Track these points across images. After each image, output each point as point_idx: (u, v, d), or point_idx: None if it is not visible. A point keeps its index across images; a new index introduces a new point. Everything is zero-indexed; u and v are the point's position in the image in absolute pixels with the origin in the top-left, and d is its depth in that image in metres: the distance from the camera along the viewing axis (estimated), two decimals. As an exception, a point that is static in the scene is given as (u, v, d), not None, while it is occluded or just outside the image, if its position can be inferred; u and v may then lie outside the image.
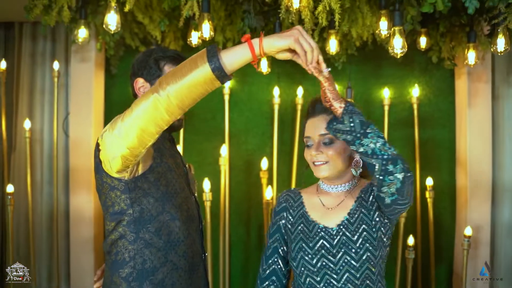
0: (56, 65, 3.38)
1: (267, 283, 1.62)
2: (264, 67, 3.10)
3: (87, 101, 3.41)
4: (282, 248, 1.61)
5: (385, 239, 1.51)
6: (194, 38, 2.59)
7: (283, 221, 1.61)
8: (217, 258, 3.38)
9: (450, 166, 3.55)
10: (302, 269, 1.50)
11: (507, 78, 3.54)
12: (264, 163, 3.33)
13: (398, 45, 2.27)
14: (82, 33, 2.74)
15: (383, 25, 2.41)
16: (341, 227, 1.49)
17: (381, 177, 1.33)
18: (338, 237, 1.48)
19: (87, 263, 3.42)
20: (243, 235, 3.58)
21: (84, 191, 3.41)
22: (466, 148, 3.40)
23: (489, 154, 3.40)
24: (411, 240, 3.08)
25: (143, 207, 1.55)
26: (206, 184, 3.10)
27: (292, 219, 1.60)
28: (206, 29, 2.35)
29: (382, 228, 1.49)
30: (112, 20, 2.34)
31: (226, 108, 3.50)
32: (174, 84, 1.26)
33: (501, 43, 2.39)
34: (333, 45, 2.70)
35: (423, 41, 2.91)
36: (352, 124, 1.34)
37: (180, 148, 3.37)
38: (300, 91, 3.43)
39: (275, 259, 1.61)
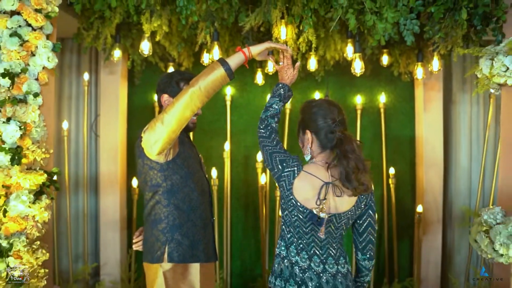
0: (86, 76, 3.95)
1: None
2: (259, 79, 3.78)
3: (114, 106, 3.93)
4: None
5: (282, 201, 1.99)
6: (206, 58, 3.28)
7: None
8: (221, 235, 3.92)
9: (411, 159, 4.11)
10: None
11: (463, 87, 4.10)
12: (259, 156, 3.84)
13: (358, 67, 2.98)
14: (117, 53, 3.39)
15: (349, 50, 3.14)
16: None
17: None
18: None
19: (114, 239, 3.93)
20: (242, 215, 4.11)
21: (112, 183, 3.91)
22: (422, 144, 3.96)
23: (440, 149, 3.95)
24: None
25: (173, 182, 2.16)
26: (214, 172, 3.73)
27: None
28: (216, 53, 3.06)
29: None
30: (145, 47, 3.05)
31: (228, 112, 4.02)
32: (202, 81, 1.98)
33: (435, 64, 3.11)
34: (312, 64, 3.39)
35: (385, 59, 3.59)
36: None
37: (191, 144, 4.00)
38: (288, 98, 4.01)
39: None
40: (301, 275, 1.95)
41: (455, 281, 3.79)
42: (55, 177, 2.58)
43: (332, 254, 1.98)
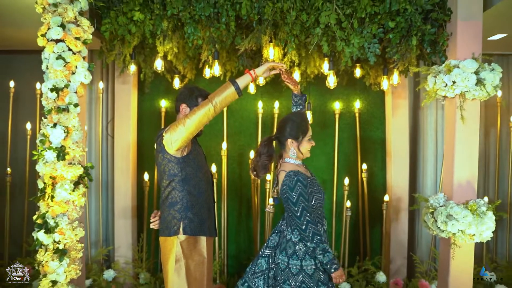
0: (101, 84, 4.51)
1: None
2: (251, 88, 4.38)
3: (126, 111, 4.40)
4: None
5: None
6: (207, 73, 3.89)
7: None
8: (219, 222, 4.39)
9: (382, 156, 4.63)
10: (319, 211, 2.65)
11: (430, 94, 4.75)
12: (251, 154, 4.32)
13: (331, 81, 3.61)
14: (132, 68, 3.98)
15: (326, 66, 3.78)
16: None
17: None
18: None
19: (126, 225, 4.41)
20: (237, 205, 4.59)
21: (124, 177, 4.40)
22: (391, 144, 4.50)
23: (406, 148, 4.47)
24: (348, 203, 4.29)
25: (187, 172, 2.70)
26: (213, 168, 4.31)
27: (311, 188, 2.63)
28: (217, 69, 3.68)
29: None
30: (159, 64, 3.66)
31: (225, 116, 4.47)
32: (218, 97, 2.53)
33: (395, 78, 3.75)
34: (296, 76, 4.02)
35: (357, 72, 4.14)
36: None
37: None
38: (276, 104, 4.45)
39: None
40: (278, 228, 2.82)
41: (416, 258, 4.44)
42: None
43: (287, 224, 2.71)
